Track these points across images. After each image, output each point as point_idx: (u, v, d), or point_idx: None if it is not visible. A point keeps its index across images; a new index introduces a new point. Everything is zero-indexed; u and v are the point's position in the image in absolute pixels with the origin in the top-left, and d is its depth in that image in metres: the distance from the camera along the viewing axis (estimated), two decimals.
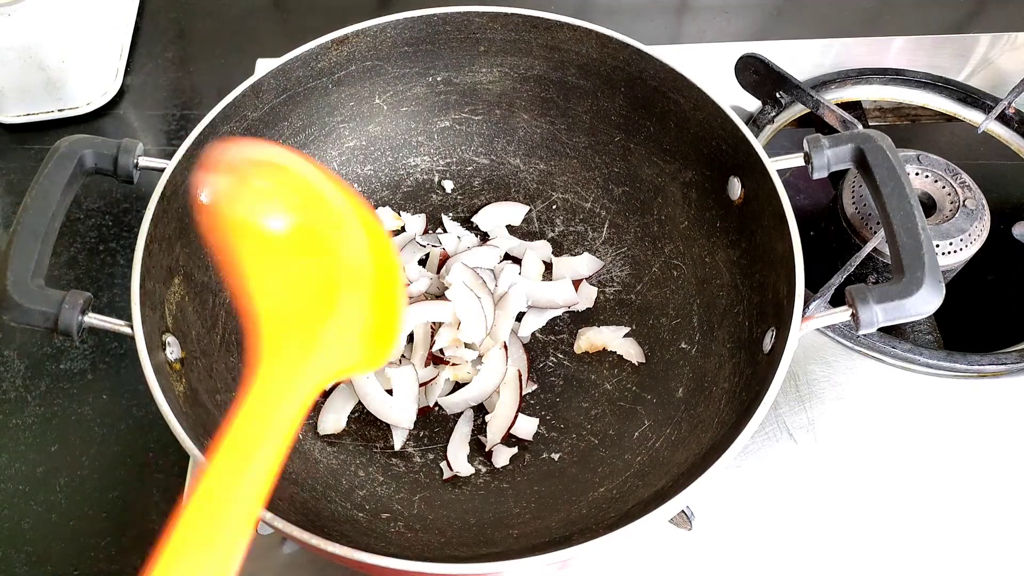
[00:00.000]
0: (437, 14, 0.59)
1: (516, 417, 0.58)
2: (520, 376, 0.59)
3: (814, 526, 0.58)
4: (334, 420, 0.58)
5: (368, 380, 0.58)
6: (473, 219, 0.67)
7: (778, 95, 0.75)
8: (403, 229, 0.66)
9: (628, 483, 0.54)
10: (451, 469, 0.57)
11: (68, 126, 0.80)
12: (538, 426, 0.59)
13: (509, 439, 0.58)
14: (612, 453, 0.57)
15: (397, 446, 0.57)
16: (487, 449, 0.57)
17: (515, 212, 0.67)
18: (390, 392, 0.58)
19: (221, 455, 0.30)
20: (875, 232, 0.65)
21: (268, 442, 0.30)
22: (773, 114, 0.75)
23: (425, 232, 0.66)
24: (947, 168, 0.68)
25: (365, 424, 0.58)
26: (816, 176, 0.49)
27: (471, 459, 0.57)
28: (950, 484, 0.59)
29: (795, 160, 0.51)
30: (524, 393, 0.59)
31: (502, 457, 0.57)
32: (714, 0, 0.92)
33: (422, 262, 0.65)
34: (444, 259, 0.64)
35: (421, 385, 0.59)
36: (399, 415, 0.57)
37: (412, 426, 0.57)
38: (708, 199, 0.59)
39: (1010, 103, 0.74)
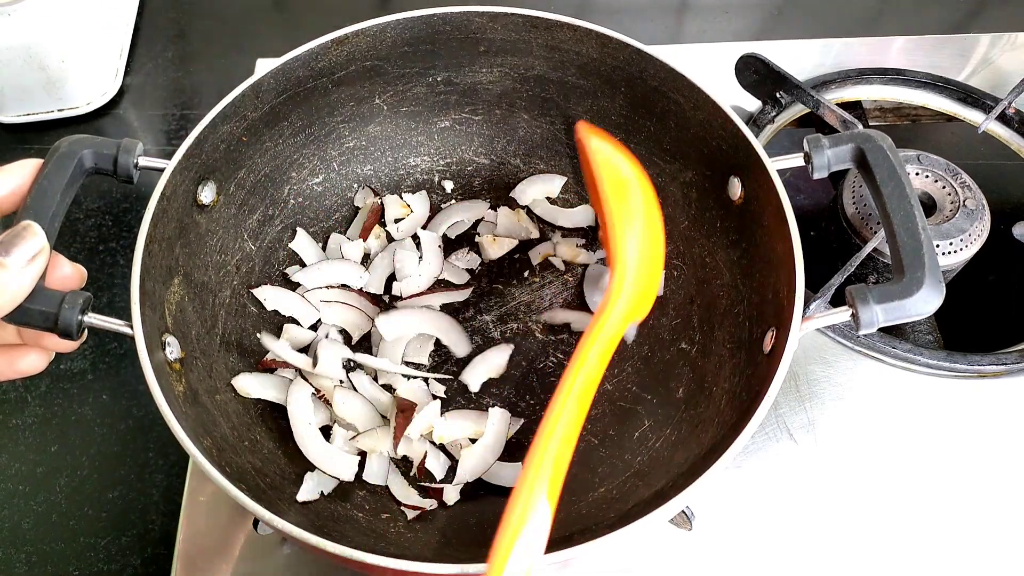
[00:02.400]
0: (437, 14, 0.59)
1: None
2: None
3: (814, 526, 0.58)
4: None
5: (308, 427, 0.55)
6: (511, 193, 0.67)
7: (778, 95, 0.75)
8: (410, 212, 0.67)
9: (628, 483, 0.54)
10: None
11: (68, 126, 0.80)
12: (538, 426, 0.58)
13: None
14: (612, 453, 0.57)
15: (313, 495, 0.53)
16: (453, 482, 0.55)
17: (553, 184, 0.67)
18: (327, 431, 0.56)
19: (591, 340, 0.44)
20: (875, 232, 0.65)
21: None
22: (773, 114, 0.75)
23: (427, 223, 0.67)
24: (947, 168, 0.68)
25: None
26: (816, 176, 0.49)
27: None
28: (950, 484, 0.59)
29: (795, 160, 0.51)
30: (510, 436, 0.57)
31: (452, 495, 0.55)
32: (714, 0, 0.92)
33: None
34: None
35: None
36: (340, 466, 0.53)
37: (352, 478, 0.54)
38: (708, 199, 0.59)
39: (1010, 103, 0.74)
